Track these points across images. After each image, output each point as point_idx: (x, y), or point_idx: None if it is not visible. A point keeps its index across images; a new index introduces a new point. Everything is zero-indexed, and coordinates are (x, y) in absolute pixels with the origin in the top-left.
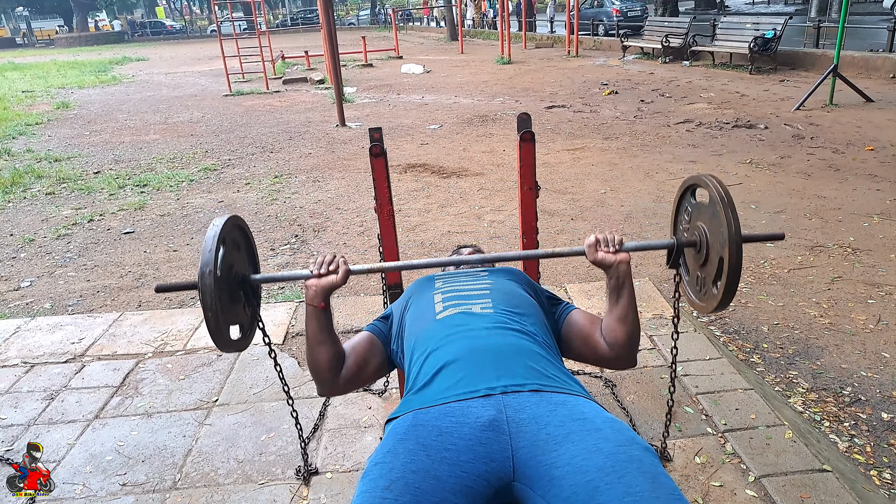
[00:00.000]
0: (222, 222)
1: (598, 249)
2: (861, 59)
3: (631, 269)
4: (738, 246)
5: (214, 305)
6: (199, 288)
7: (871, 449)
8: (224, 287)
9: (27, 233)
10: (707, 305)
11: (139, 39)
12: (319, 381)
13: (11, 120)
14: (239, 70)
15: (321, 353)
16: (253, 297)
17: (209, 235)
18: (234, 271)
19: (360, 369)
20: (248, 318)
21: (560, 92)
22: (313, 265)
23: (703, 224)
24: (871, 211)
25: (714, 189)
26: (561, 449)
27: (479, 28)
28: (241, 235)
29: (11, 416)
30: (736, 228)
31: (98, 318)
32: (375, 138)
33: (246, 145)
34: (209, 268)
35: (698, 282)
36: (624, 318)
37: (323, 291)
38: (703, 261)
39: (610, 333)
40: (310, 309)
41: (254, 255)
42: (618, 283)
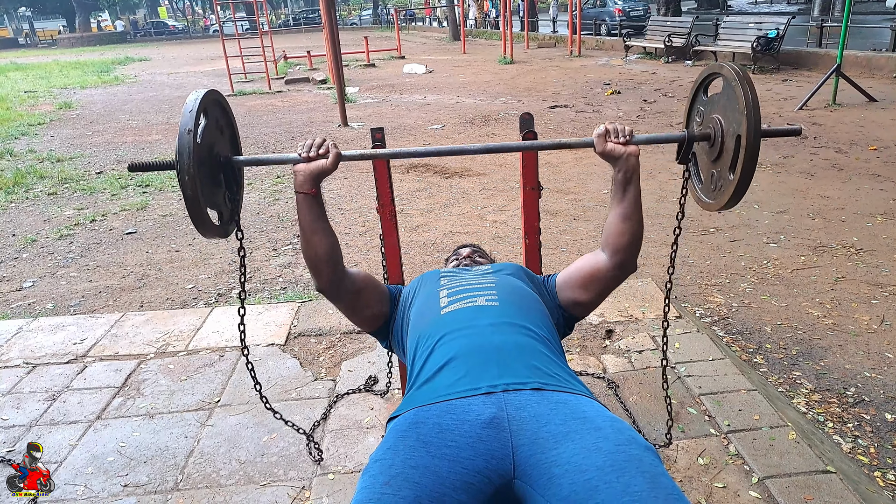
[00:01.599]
0: (203, 91)
1: (608, 140)
2: (864, 58)
3: (639, 163)
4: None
5: (192, 170)
6: (177, 150)
7: (874, 450)
8: (204, 161)
9: (29, 233)
10: (720, 200)
11: (141, 39)
12: (316, 271)
13: (14, 120)
14: (241, 70)
15: (316, 242)
16: (234, 185)
17: (189, 99)
18: (215, 150)
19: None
20: (228, 207)
21: (562, 92)
22: (301, 148)
23: (718, 115)
24: (875, 211)
25: (729, 69)
26: (561, 447)
27: (482, 28)
28: (223, 116)
29: (13, 416)
30: (754, 101)
31: (100, 318)
32: (377, 138)
33: (248, 145)
34: (188, 127)
35: (712, 179)
36: (629, 216)
37: (312, 176)
38: (717, 154)
39: (612, 235)
40: (300, 197)
41: (236, 140)
42: (626, 176)
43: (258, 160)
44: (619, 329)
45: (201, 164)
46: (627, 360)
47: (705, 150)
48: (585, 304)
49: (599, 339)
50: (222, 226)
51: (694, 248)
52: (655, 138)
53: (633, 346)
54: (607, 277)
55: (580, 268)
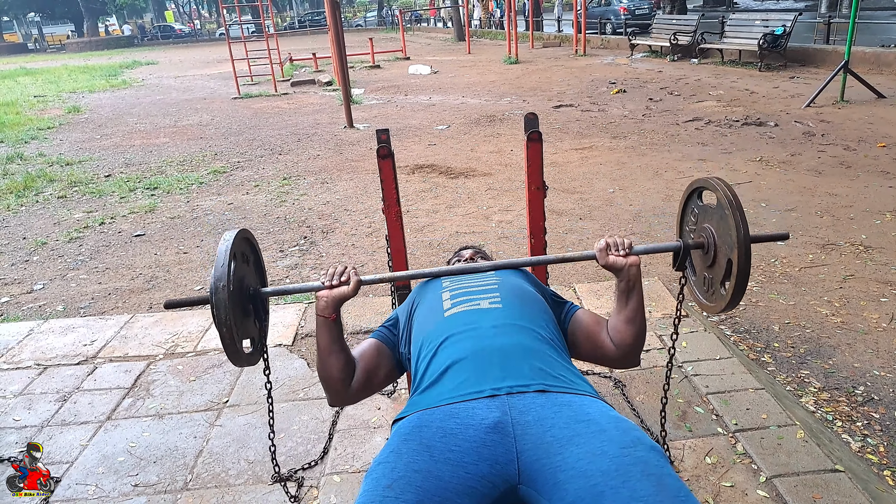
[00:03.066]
0: (233, 236)
1: (609, 253)
2: (872, 54)
3: (640, 272)
4: (748, 249)
5: (229, 321)
6: (213, 304)
7: (884, 449)
8: (237, 301)
9: (39, 236)
10: (716, 306)
11: (149, 43)
12: (331, 391)
13: (24, 124)
14: (247, 73)
15: (332, 363)
16: (262, 311)
17: (221, 250)
18: (244, 284)
19: (369, 378)
20: (257, 331)
21: (568, 91)
22: (324, 276)
23: (711, 226)
24: (884, 208)
25: (722, 192)
26: (566, 452)
27: (486, 28)
28: (249, 248)
29: (25, 417)
30: (745, 231)
31: (110, 320)
32: (383, 140)
33: (255, 147)
34: (222, 283)
35: (706, 282)
36: (632, 320)
37: (334, 303)
38: (711, 262)
39: (617, 334)
40: (320, 320)
41: (261, 267)
42: (628, 285)
43: (284, 290)
44: None
45: (234, 306)
46: None
47: (700, 255)
48: (579, 354)
49: None
50: (254, 352)
51: None
52: (654, 248)
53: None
54: (607, 359)
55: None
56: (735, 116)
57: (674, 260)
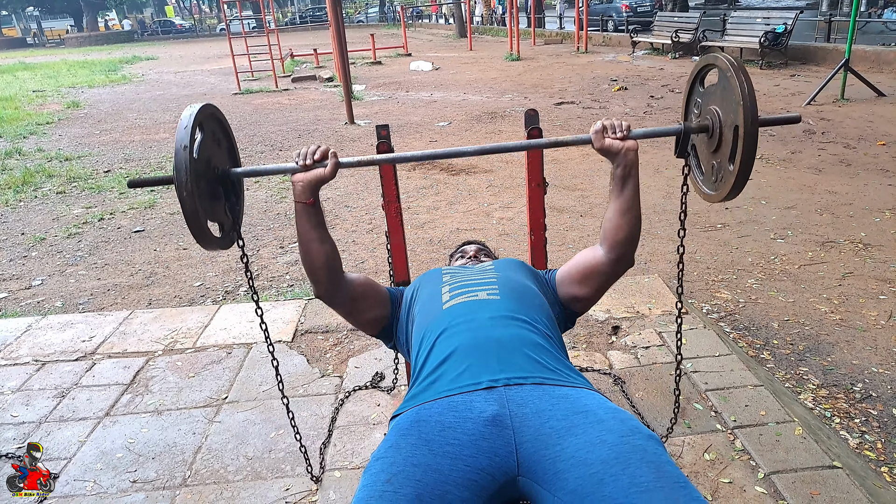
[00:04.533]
0: (199, 106)
1: (605, 136)
2: (873, 53)
3: (638, 157)
4: (754, 111)
5: (190, 185)
6: (174, 167)
7: (882, 445)
8: (201, 175)
9: (38, 231)
10: (721, 191)
11: (149, 38)
12: (314, 279)
13: (22, 119)
14: (248, 68)
15: (315, 251)
16: (234, 196)
17: (184, 115)
18: (212, 164)
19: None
20: (229, 219)
21: (569, 88)
22: (298, 156)
23: (715, 105)
24: (883, 206)
25: (724, 60)
26: (565, 442)
27: (488, 25)
28: (220, 129)
29: (23, 413)
30: (750, 92)
31: (108, 316)
32: (383, 135)
33: (255, 143)
34: (183, 144)
35: (712, 170)
36: (628, 210)
37: (311, 185)
38: (716, 146)
39: (611, 230)
40: (298, 206)
41: (234, 151)
42: (624, 171)
43: (255, 171)
44: (626, 325)
45: (199, 178)
46: (634, 357)
47: (704, 142)
48: (584, 300)
49: (606, 335)
50: (223, 237)
51: (701, 244)
52: (653, 132)
53: (640, 343)
54: (605, 272)
55: (578, 263)
56: None
57: (676, 146)
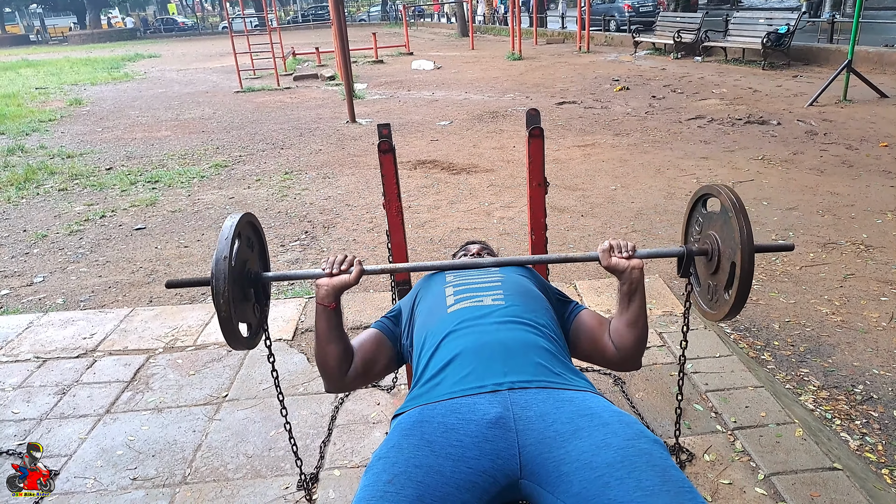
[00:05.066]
0: (238, 217)
1: (612, 255)
2: (876, 54)
3: (643, 276)
4: (751, 253)
5: (227, 293)
6: (213, 275)
7: (882, 447)
8: (237, 281)
9: (40, 228)
10: (718, 313)
11: (151, 36)
12: (327, 377)
13: (25, 117)
14: (250, 67)
15: (330, 351)
16: (263, 297)
17: (226, 226)
18: (246, 268)
19: (367, 367)
20: (256, 318)
21: (571, 88)
22: (325, 263)
23: (715, 232)
24: (885, 208)
25: (726, 197)
26: (569, 445)
27: (490, 24)
28: (254, 234)
29: (24, 410)
30: (748, 235)
31: (110, 313)
32: (384, 134)
33: (256, 142)
34: (224, 255)
35: (709, 290)
36: (634, 323)
37: (335, 291)
38: (715, 269)
39: (618, 337)
40: (320, 308)
41: (265, 255)
42: (630, 288)
43: (285, 276)
44: None
45: (234, 283)
46: None
47: (703, 262)
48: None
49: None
50: (251, 337)
51: None
52: (657, 253)
53: None
54: (608, 361)
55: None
56: (738, 115)
57: (678, 266)
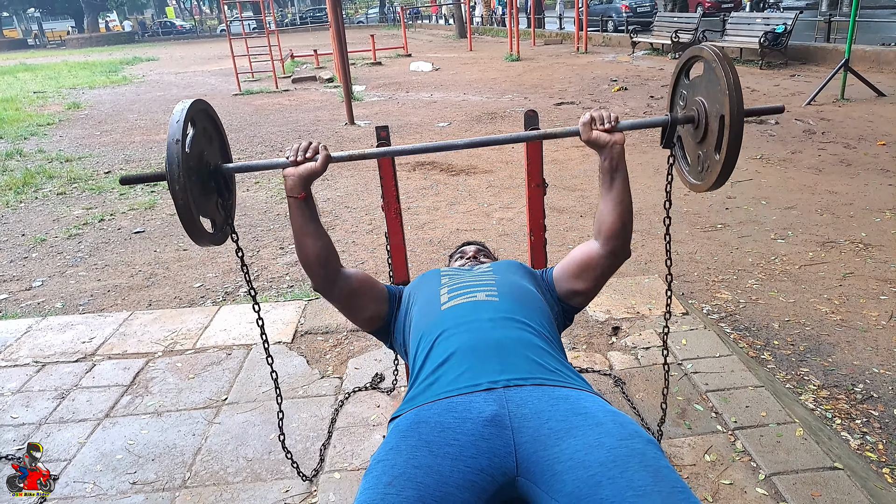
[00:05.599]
0: (190, 102)
1: (594, 128)
2: (873, 53)
3: (624, 150)
4: (739, 98)
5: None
6: (166, 162)
7: (883, 446)
8: (193, 170)
9: (39, 233)
10: (708, 179)
11: (149, 40)
12: (309, 272)
13: (23, 120)
14: (248, 69)
15: (309, 245)
16: (226, 191)
17: (176, 110)
18: (204, 159)
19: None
20: (221, 215)
21: (569, 88)
22: (289, 151)
23: (701, 97)
24: (884, 206)
25: (709, 51)
26: (563, 444)
27: (488, 25)
28: (211, 125)
29: (23, 414)
30: (735, 81)
31: (108, 317)
32: (382, 136)
33: (255, 144)
34: (175, 138)
35: (698, 160)
36: (618, 202)
37: (302, 180)
38: (702, 136)
39: (603, 224)
40: (291, 201)
41: (225, 147)
42: (612, 164)
43: (247, 167)
44: (626, 326)
45: (190, 172)
46: (634, 357)
47: (690, 133)
48: (583, 294)
49: (606, 336)
50: (216, 233)
51: (701, 245)
52: (640, 123)
53: (640, 343)
54: (601, 265)
55: (574, 258)
56: None
57: (661, 136)
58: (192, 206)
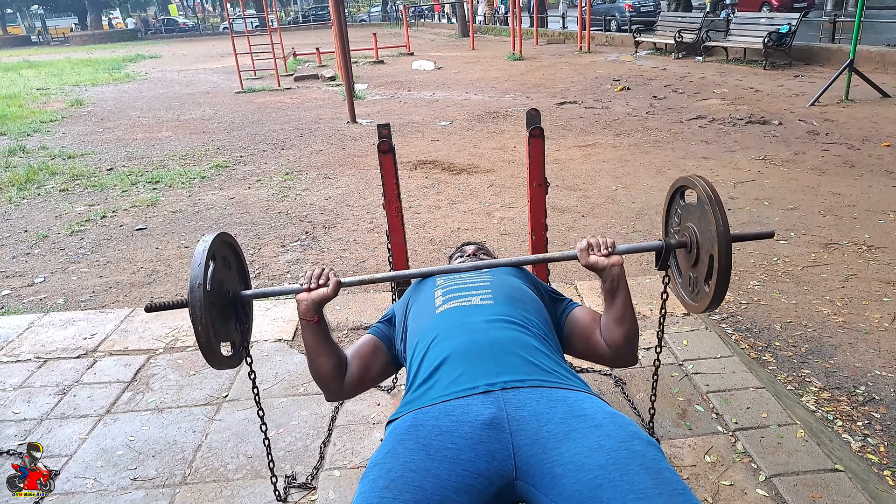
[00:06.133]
0: (211, 239)
1: (591, 253)
2: (878, 53)
3: (624, 272)
4: (728, 244)
5: (204, 319)
6: (189, 303)
7: (884, 449)
8: (215, 303)
9: (41, 229)
10: (700, 305)
11: (152, 37)
12: (325, 388)
13: (27, 117)
14: (251, 67)
15: (322, 364)
16: (243, 315)
17: (198, 250)
18: (224, 288)
19: (364, 373)
20: (239, 336)
21: (572, 88)
22: (303, 279)
23: (693, 224)
24: (887, 208)
25: (701, 188)
26: (563, 447)
27: (491, 24)
28: (231, 252)
29: (25, 410)
30: (724, 226)
31: (110, 313)
32: (384, 135)
33: (257, 142)
34: (198, 281)
35: (690, 282)
36: (621, 319)
37: (314, 305)
38: (694, 261)
39: (608, 334)
40: (303, 323)
41: (244, 271)
42: (612, 285)
43: (264, 293)
44: None
45: (212, 306)
46: None
47: (684, 254)
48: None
49: None
50: (233, 356)
51: None
52: (636, 248)
53: (641, 344)
54: (602, 358)
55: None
56: (739, 115)
57: (656, 259)
58: (213, 339)
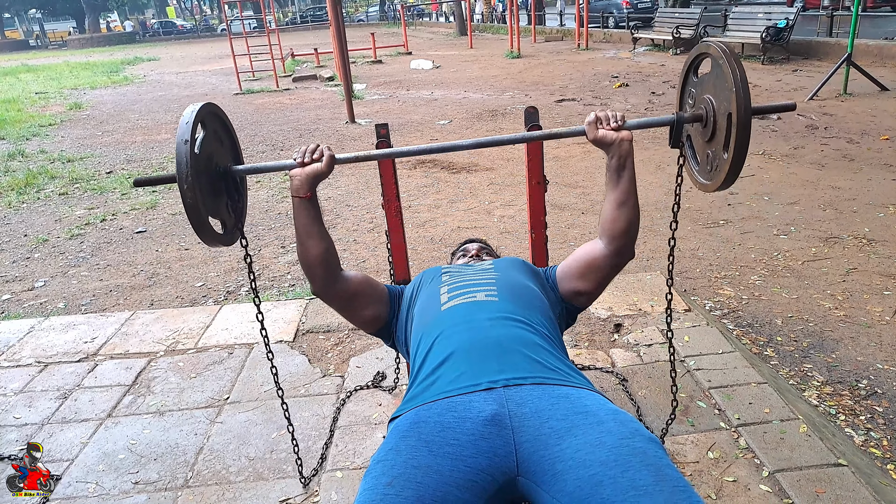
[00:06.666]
0: (200, 105)
1: (599, 127)
2: (876, 47)
3: (632, 148)
4: (747, 94)
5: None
6: (176, 161)
7: (887, 443)
8: (203, 171)
9: (41, 233)
10: (716, 180)
11: (150, 40)
12: (310, 276)
13: (25, 121)
14: (249, 68)
15: (311, 246)
16: (235, 193)
17: (186, 112)
18: (214, 160)
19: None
20: (231, 217)
21: (570, 85)
22: (297, 154)
23: (709, 94)
24: (887, 201)
25: (717, 48)
26: (564, 443)
27: (489, 22)
28: (221, 127)
29: (25, 415)
30: (742, 77)
31: (111, 317)
32: (382, 134)
33: (256, 143)
34: (185, 139)
35: (707, 159)
36: (624, 202)
37: (308, 180)
38: (711, 135)
39: (608, 222)
40: (296, 201)
41: (236, 149)
42: (619, 162)
43: (256, 168)
44: (628, 323)
45: (200, 173)
46: (636, 355)
47: (699, 132)
48: (587, 294)
49: (608, 333)
50: (226, 235)
51: (703, 241)
52: (647, 122)
53: (642, 340)
54: (606, 265)
55: (579, 257)
56: None
57: (670, 136)
58: (200, 206)
